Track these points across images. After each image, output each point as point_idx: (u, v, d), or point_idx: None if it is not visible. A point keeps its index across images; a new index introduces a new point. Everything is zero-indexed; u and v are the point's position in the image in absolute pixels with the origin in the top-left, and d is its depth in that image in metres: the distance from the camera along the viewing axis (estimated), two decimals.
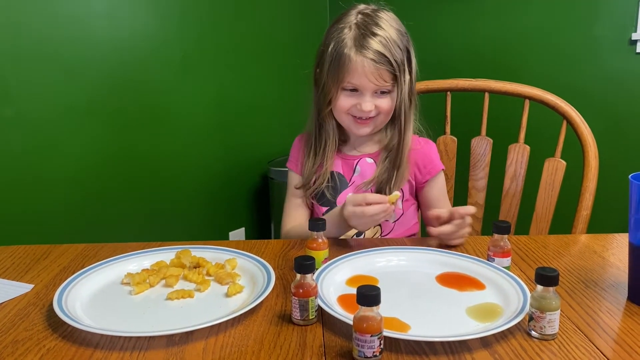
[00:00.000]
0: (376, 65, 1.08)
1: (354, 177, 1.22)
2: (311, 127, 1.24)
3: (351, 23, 1.12)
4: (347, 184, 1.22)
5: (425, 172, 1.22)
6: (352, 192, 1.20)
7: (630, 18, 2.25)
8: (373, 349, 0.63)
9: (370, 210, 0.99)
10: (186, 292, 0.82)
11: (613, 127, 2.32)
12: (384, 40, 1.09)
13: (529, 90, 1.37)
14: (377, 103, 1.12)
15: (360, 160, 1.23)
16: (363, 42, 1.09)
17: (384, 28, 1.10)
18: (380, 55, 1.08)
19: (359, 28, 1.11)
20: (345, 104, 1.13)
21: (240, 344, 0.69)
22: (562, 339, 0.69)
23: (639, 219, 0.76)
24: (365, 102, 1.11)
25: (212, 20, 2.43)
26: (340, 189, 1.22)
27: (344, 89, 1.13)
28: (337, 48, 1.11)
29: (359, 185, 1.21)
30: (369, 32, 1.10)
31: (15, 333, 0.72)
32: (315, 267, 0.74)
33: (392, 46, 1.09)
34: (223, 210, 2.65)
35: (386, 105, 1.13)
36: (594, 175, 1.28)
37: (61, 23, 1.89)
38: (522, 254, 0.99)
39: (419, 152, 1.22)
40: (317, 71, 1.19)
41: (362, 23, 1.11)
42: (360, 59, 1.08)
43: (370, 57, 1.08)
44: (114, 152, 2.12)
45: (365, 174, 1.22)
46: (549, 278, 0.68)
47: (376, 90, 1.11)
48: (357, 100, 1.12)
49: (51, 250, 1.03)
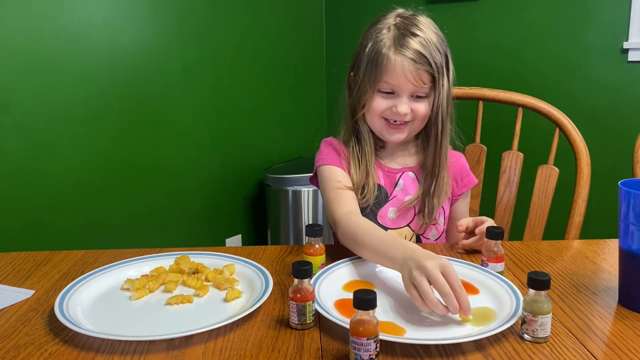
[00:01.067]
0: (415, 65, 1.05)
1: (396, 191, 1.18)
2: (346, 136, 1.18)
3: (390, 24, 1.10)
4: (388, 198, 1.18)
5: (462, 184, 1.21)
6: (393, 207, 1.17)
7: (621, 27, 2.29)
8: (369, 352, 0.64)
9: (431, 298, 0.74)
10: (185, 297, 0.83)
11: (605, 134, 2.35)
12: (424, 41, 1.06)
13: (522, 99, 1.39)
14: (414, 107, 1.08)
15: (403, 175, 1.18)
16: (403, 41, 1.06)
17: (423, 30, 1.08)
18: (420, 55, 1.05)
19: (399, 29, 1.08)
20: (380, 106, 1.09)
21: (239, 348, 0.70)
22: (554, 342, 0.71)
23: (628, 225, 0.78)
24: (401, 104, 1.07)
25: (209, 30, 2.46)
26: (383, 203, 1.17)
27: (380, 91, 1.09)
28: (375, 48, 1.08)
29: (403, 203, 1.17)
30: (409, 32, 1.07)
31: (17, 338, 0.73)
32: (312, 272, 0.75)
33: (432, 48, 1.06)
34: (220, 217, 2.67)
35: (422, 110, 1.09)
36: (586, 182, 1.30)
37: (61, 32, 1.91)
38: (515, 260, 1.00)
39: (455, 165, 1.20)
40: (351, 75, 1.16)
41: (401, 24, 1.09)
42: (399, 59, 1.05)
43: (409, 57, 1.05)
44: (112, 159, 2.13)
45: (407, 189, 1.18)
46: (541, 282, 0.70)
47: (413, 93, 1.08)
48: (393, 103, 1.08)
49: (51, 256, 1.04)
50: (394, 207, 1.17)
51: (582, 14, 2.37)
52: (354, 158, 1.16)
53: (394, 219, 1.17)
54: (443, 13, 2.70)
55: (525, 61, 2.54)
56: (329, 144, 1.21)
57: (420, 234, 1.19)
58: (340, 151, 1.18)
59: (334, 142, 1.21)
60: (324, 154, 1.19)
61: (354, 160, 1.15)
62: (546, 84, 2.48)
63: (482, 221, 1.03)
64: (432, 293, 0.74)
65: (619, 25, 2.29)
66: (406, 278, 0.78)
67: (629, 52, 2.29)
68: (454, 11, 2.69)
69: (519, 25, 2.54)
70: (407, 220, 1.18)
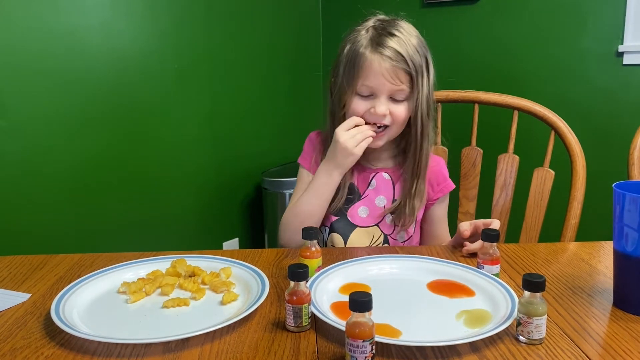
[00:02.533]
0: (392, 64, 1.05)
1: (368, 191, 1.20)
2: (327, 135, 1.19)
3: (369, 26, 1.11)
4: (360, 197, 1.20)
5: (437, 189, 1.22)
6: (364, 206, 1.19)
7: (617, 30, 2.30)
8: (365, 354, 0.64)
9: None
10: (182, 300, 0.83)
11: (600, 137, 2.36)
12: (402, 41, 1.06)
13: (518, 102, 1.40)
14: (392, 109, 1.08)
15: (376, 175, 1.20)
16: (379, 40, 1.06)
17: (402, 32, 1.08)
18: (397, 54, 1.05)
19: (376, 30, 1.09)
20: (359, 108, 1.09)
21: (235, 351, 0.70)
22: (549, 344, 0.71)
23: (622, 227, 0.78)
24: (380, 105, 1.07)
25: (206, 33, 2.46)
26: (354, 201, 1.19)
27: (359, 94, 1.10)
28: (352, 48, 1.09)
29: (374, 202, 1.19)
30: (386, 32, 1.07)
31: (13, 341, 0.73)
32: (308, 274, 0.75)
33: (410, 47, 1.06)
34: (217, 221, 2.67)
35: (400, 113, 1.09)
36: (582, 184, 1.31)
37: (57, 35, 1.91)
38: (511, 262, 1.01)
39: (433, 170, 1.21)
40: (332, 79, 1.17)
41: (379, 26, 1.10)
42: (376, 57, 1.05)
43: (387, 55, 1.05)
44: (108, 163, 2.13)
45: (379, 189, 1.19)
46: (536, 284, 0.70)
47: (391, 93, 1.08)
48: (372, 104, 1.09)
49: (47, 260, 1.04)
50: (365, 207, 1.18)
51: (578, 18, 2.38)
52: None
53: (363, 217, 1.19)
54: (439, 16, 2.71)
55: (521, 64, 2.55)
56: (312, 138, 1.26)
57: (389, 234, 1.20)
58: (317, 148, 1.22)
59: (314, 138, 1.26)
60: (304, 150, 1.27)
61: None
62: (542, 86, 2.49)
63: (486, 224, 1.03)
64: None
65: (614, 28, 2.31)
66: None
67: (624, 56, 2.30)
68: (450, 14, 2.70)
69: (515, 29, 2.55)
70: (376, 220, 1.19)
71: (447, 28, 2.72)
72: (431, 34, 2.78)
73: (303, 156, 1.25)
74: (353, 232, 1.19)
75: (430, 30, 2.71)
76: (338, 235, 1.20)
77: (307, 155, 1.25)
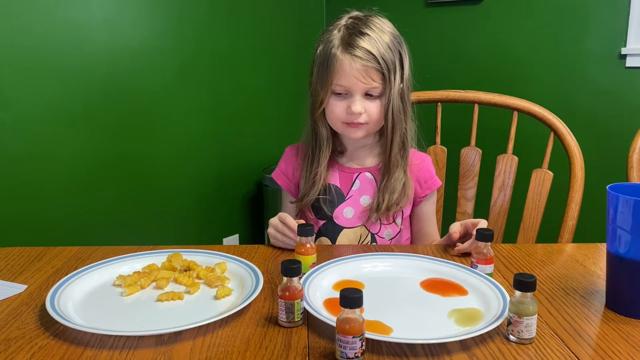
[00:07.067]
0: (363, 63, 1.05)
1: (352, 191, 1.20)
2: (307, 137, 1.21)
3: (341, 25, 1.11)
4: (344, 198, 1.20)
5: (425, 187, 1.22)
6: (349, 207, 1.19)
7: (620, 33, 2.30)
8: (355, 350, 0.65)
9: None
10: (176, 294, 0.84)
11: (600, 139, 2.36)
12: (372, 39, 1.06)
13: (517, 102, 1.40)
14: (367, 106, 1.09)
15: (359, 175, 1.20)
16: (350, 40, 1.07)
17: (373, 29, 1.08)
18: (368, 53, 1.05)
19: (348, 29, 1.09)
20: (337, 110, 1.11)
21: (227, 345, 0.71)
22: (539, 344, 0.71)
23: (615, 229, 0.78)
24: (355, 104, 1.08)
25: (208, 29, 2.47)
26: (337, 203, 1.20)
27: (334, 93, 1.10)
28: (324, 49, 1.10)
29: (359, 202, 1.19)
30: (357, 31, 1.08)
31: (7, 331, 0.74)
32: (301, 270, 0.76)
33: (381, 45, 1.07)
34: (217, 217, 2.67)
35: (374, 109, 1.10)
36: (580, 186, 1.31)
37: (59, 30, 1.92)
38: (505, 262, 1.01)
39: (419, 167, 1.21)
40: (310, 78, 1.18)
41: (351, 25, 1.10)
42: (347, 58, 1.06)
43: (357, 55, 1.05)
44: (109, 158, 2.14)
45: (363, 189, 1.20)
46: (527, 284, 0.70)
47: (365, 91, 1.09)
48: (348, 103, 1.09)
49: (45, 252, 1.04)
50: (350, 207, 1.18)
51: (581, 20, 2.38)
52: (306, 159, 1.19)
53: (349, 218, 1.19)
54: (443, 16, 2.71)
55: (524, 65, 2.55)
56: (287, 153, 1.28)
57: (375, 232, 1.20)
58: (292, 162, 1.24)
59: (292, 149, 1.27)
60: (279, 165, 1.28)
61: (306, 162, 1.19)
62: (545, 88, 2.49)
63: (474, 224, 1.04)
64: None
65: (617, 31, 2.30)
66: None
67: (627, 58, 2.30)
68: (453, 14, 2.70)
69: (518, 30, 2.55)
70: (362, 219, 1.20)
71: (450, 28, 2.71)
72: (434, 34, 2.80)
73: (277, 171, 1.27)
74: (340, 233, 1.20)
75: (433, 30, 2.76)
76: (326, 239, 1.21)
77: (280, 170, 1.27)
